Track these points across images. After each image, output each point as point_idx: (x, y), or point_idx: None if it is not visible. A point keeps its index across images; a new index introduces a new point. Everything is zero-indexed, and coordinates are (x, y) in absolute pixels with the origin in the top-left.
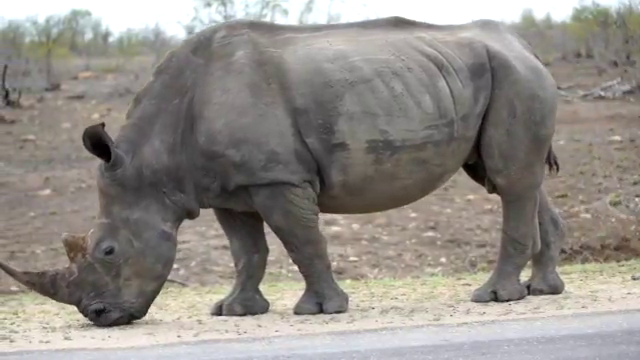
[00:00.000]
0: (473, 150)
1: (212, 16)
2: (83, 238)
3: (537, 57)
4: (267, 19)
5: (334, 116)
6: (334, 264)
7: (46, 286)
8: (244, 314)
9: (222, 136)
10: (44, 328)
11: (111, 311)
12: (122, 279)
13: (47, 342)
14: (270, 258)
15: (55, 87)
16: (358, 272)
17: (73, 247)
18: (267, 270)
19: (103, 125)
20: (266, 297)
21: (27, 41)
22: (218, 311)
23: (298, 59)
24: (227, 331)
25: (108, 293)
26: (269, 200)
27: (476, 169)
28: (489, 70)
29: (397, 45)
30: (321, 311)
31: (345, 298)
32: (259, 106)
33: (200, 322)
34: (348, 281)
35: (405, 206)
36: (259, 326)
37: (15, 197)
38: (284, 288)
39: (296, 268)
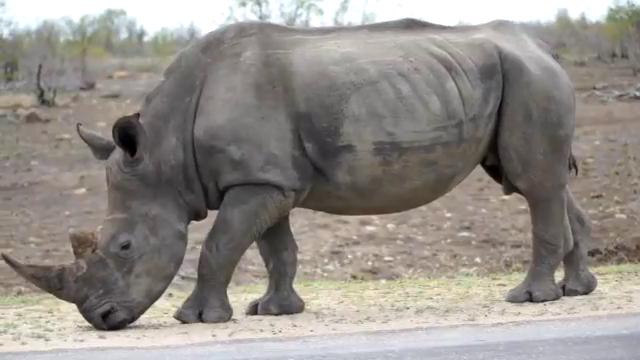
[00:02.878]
0: (489, 152)
1: (247, 15)
2: (92, 233)
3: (554, 57)
4: (302, 19)
5: (339, 119)
6: (369, 264)
7: (52, 281)
8: (279, 314)
9: (224, 132)
10: (79, 327)
11: (118, 311)
12: (133, 276)
13: (82, 341)
14: (305, 257)
15: (90, 86)
16: (393, 272)
17: (82, 242)
18: (302, 270)
19: (138, 115)
20: (301, 296)
21: (62, 40)
22: (253, 311)
23: (304, 61)
24: (262, 330)
25: (117, 290)
26: (247, 195)
27: (496, 170)
28: (500, 72)
29: (406, 46)
30: (200, 320)
31: (229, 311)
32: (262, 108)
33: (235, 321)
34: (383, 281)
35: (440, 206)
36: (294, 326)
37: (50, 196)
38: (319, 288)
39: (331, 267)
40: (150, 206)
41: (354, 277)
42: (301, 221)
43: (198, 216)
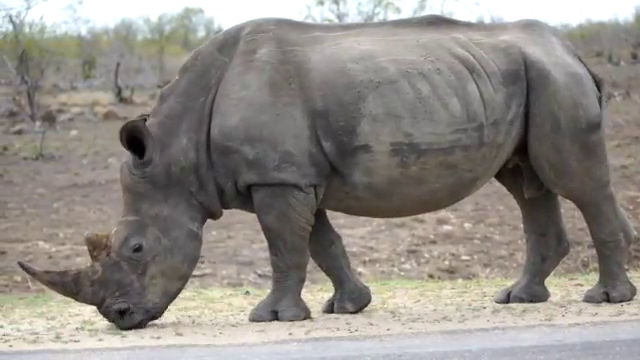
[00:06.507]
0: (513, 156)
1: (325, 14)
2: (107, 236)
3: (581, 61)
4: (379, 17)
5: (357, 117)
6: (446, 263)
7: (69, 285)
8: (355, 311)
9: (238, 132)
10: (155, 324)
11: (134, 312)
12: (148, 277)
13: (158, 338)
14: (382, 256)
15: (167, 84)
16: (470, 271)
17: (97, 245)
18: (378, 268)
19: (145, 120)
20: (377, 295)
21: (140, 39)
22: (330, 309)
23: (322, 59)
24: (338, 329)
25: (133, 292)
26: (269, 199)
27: (518, 172)
28: (524, 79)
29: (428, 46)
30: (276, 319)
31: (305, 311)
32: (277, 105)
33: (312, 320)
34: (460, 280)
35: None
36: (370, 324)
37: None
38: (396, 287)
39: (408, 266)
40: (161, 207)
41: (431, 276)
42: (378, 219)
43: (213, 216)
